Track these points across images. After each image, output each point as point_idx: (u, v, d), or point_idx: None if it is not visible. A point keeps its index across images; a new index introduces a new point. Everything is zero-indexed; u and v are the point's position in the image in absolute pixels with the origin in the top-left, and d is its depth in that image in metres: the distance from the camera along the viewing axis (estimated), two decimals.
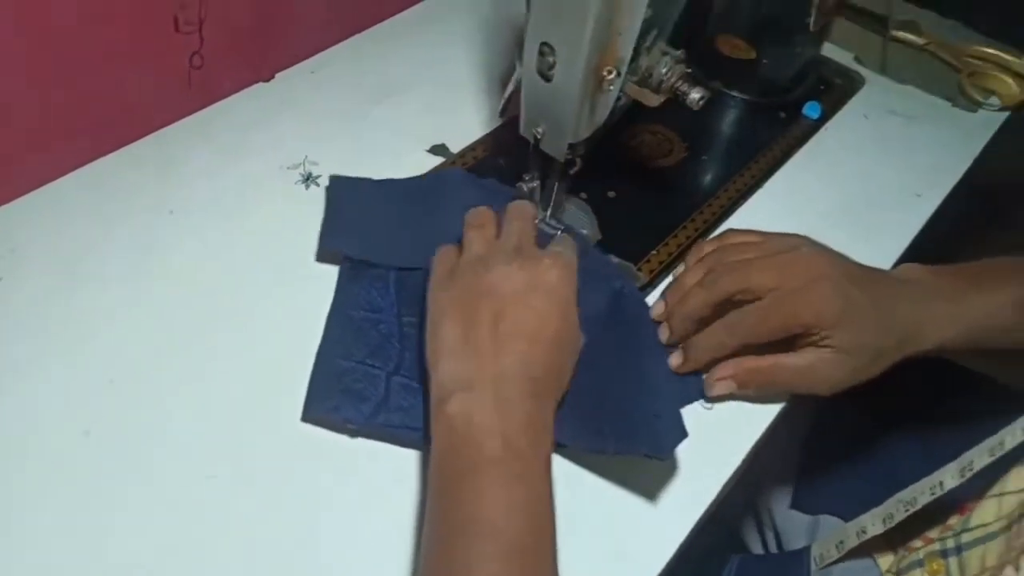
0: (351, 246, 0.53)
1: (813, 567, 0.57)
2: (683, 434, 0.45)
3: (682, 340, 0.51)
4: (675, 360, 0.51)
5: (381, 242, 0.54)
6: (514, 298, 0.43)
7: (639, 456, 0.44)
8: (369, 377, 0.48)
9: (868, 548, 0.54)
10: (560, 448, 0.47)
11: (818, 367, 0.48)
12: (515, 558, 0.36)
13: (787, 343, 0.48)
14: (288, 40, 0.68)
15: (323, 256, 0.55)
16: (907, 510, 0.49)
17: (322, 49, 0.70)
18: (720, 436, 0.49)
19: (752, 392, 0.50)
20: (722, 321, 0.49)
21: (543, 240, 0.56)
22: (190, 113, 0.64)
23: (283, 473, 0.45)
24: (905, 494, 0.50)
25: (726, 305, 0.49)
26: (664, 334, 0.51)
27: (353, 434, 0.47)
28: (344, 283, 0.52)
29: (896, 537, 0.53)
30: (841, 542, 0.54)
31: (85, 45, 0.54)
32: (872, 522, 0.52)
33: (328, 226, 0.55)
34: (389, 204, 0.57)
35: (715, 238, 0.55)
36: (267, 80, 0.67)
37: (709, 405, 0.50)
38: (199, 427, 0.47)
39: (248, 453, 0.46)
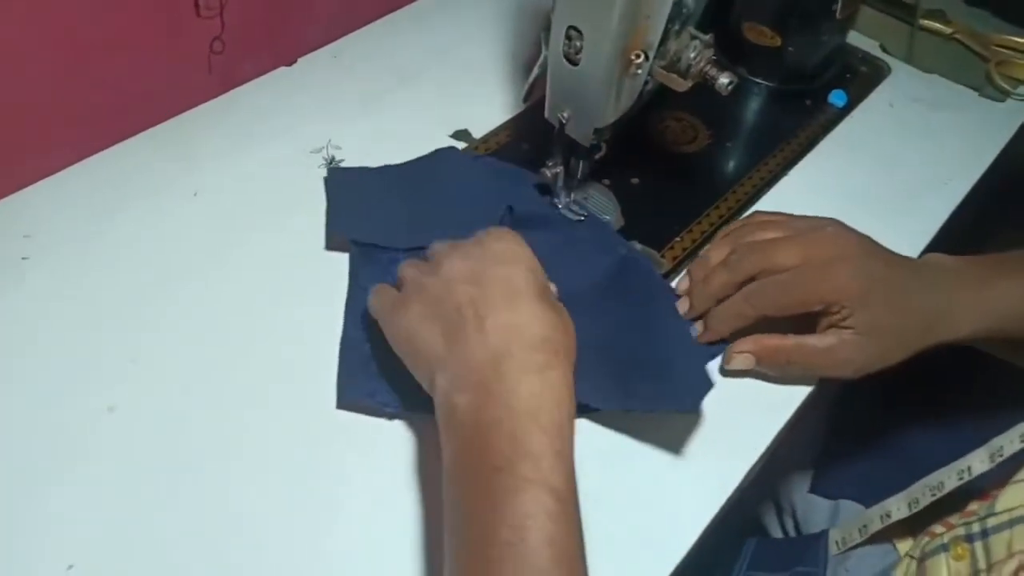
0: (356, 230, 0.54)
1: (833, 550, 0.56)
2: (708, 385, 0.44)
3: (701, 314, 0.51)
4: (695, 331, 0.51)
5: (384, 225, 0.54)
6: (474, 280, 0.40)
7: (666, 411, 0.44)
8: (396, 364, 0.48)
9: (887, 533, 0.54)
10: (588, 412, 0.46)
11: (839, 349, 0.47)
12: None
13: (810, 326, 0.48)
14: (310, 24, 0.67)
15: (332, 243, 0.55)
16: (934, 495, 0.49)
17: (345, 33, 0.70)
18: (745, 423, 0.49)
19: (770, 370, 0.50)
20: (743, 291, 0.48)
21: (565, 225, 0.56)
22: (212, 98, 0.64)
23: (307, 454, 0.46)
24: (932, 479, 0.50)
25: (749, 284, 0.49)
26: (684, 307, 0.51)
27: (391, 417, 0.47)
28: (358, 268, 0.52)
29: (914, 522, 0.53)
30: (864, 526, 0.54)
31: (105, 29, 0.54)
32: (897, 506, 0.51)
33: (332, 213, 0.55)
34: (388, 188, 0.57)
35: (742, 219, 0.54)
36: (289, 65, 0.67)
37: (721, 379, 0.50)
38: (222, 408, 0.47)
39: (271, 434, 0.46)
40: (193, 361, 0.49)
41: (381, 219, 0.55)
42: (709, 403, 0.48)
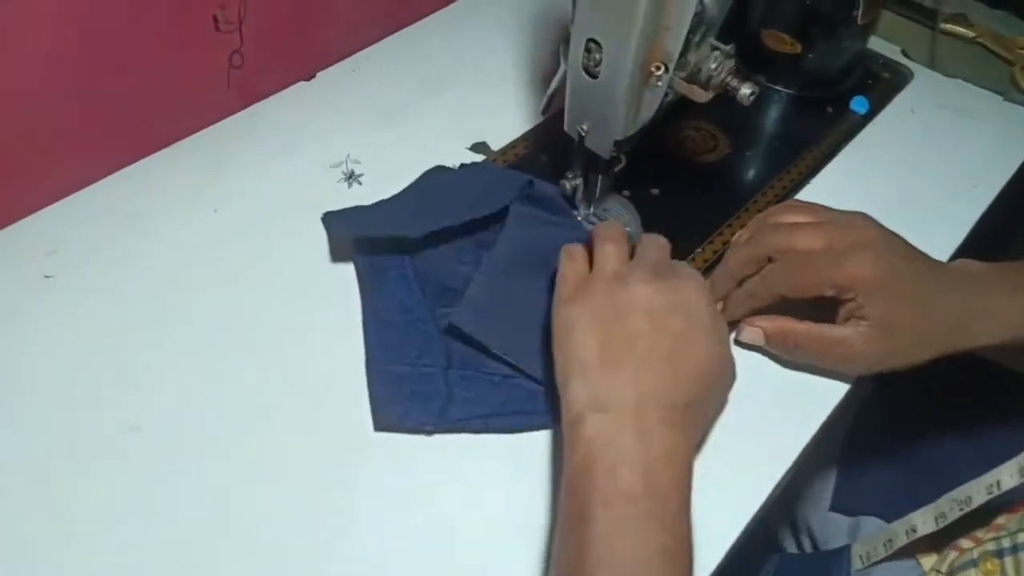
0: (355, 226, 0.54)
1: (856, 565, 0.55)
2: None
3: (721, 296, 0.51)
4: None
5: (386, 218, 0.55)
6: (652, 319, 0.41)
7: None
8: (427, 377, 0.48)
9: (911, 548, 0.53)
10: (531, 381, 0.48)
11: (853, 340, 0.46)
12: None
13: (832, 318, 0.47)
14: (329, 39, 0.68)
15: (337, 256, 0.55)
16: (962, 509, 0.48)
17: (363, 47, 0.70)
18: (768, 440, 0.48)
19: (778, 351, 0.50)
20: (760, 273, 0.48)
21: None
22: (232, 113, 0.64)
23: (332, 467, 0.45)
24: (959, 492, 0.49)
25: (768, 265, 0.49)
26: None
27: (429, 433, 0.47)
28: (369, 287, 0.52)
29: (937, 537, 0.52)
30: (889, 540, 0.53)
31: (125, 46, 0.54)
32: (923, 520, 0.50)
33: (328, 222, 0.55)
34: (385, 201, 0.57)
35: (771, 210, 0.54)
36: (308, 79, 0.68)
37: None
38: (247, 426, 0.47)
39: (300, 452, 0.46)
40: (216, 378, 0.49)
41: (382, 214, 0.55)
42: (733, 421, 0.48)
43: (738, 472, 0.47)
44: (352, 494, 0.45)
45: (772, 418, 0.49)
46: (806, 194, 0.62)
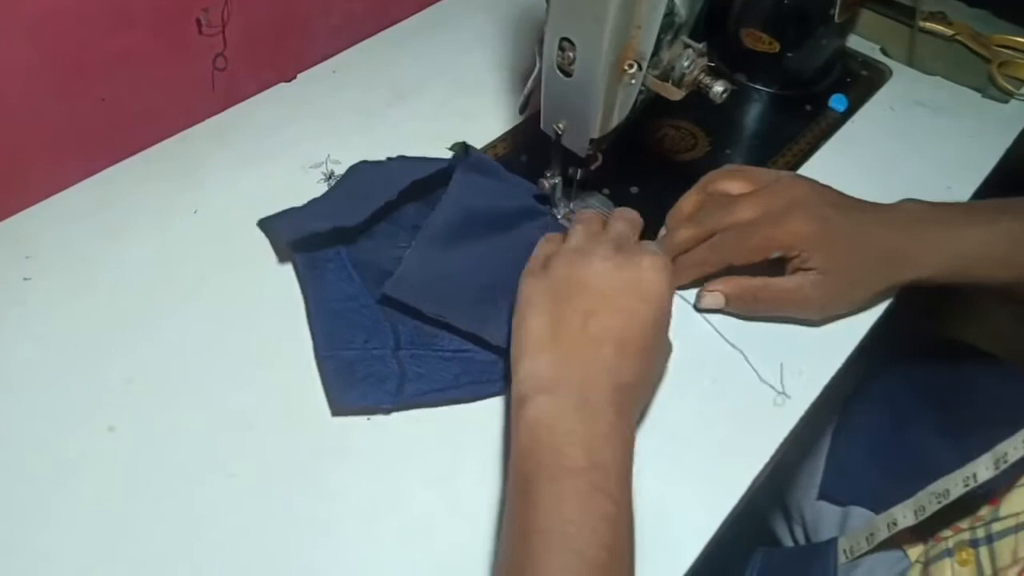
0: (291, 228, 0.54)
1: (841, 559, 0.56)
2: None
3: None
4: None
5: (319, 213, 0.55)
6: (608, 297, 0.42)
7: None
8: (378, 359, 0.49)
9: (897, 539, 0.53)
10: (483, 352, 0.49)
11: (804, 287, 0.50)
12: (591, 574, 0.35)
13: (780, 270, 0.51)
14: (310, 40, 0.68)
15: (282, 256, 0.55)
16: (939, 502, 0.49)
17: (344, 49, 0.71)
18: (749, 431, 0.48)
19: (739, 309, 0.52)
20: (707, 243, 0.51)
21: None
22: (214, 114, 0.64)
23: (304, 468, 0.46)
24: (937, 485, 0.49)
25: (712, 237, 0.51)
26: None
27: (387, 412, 0.48)
28: (309, 281, 0.53)
29: (926, 528, 0.52)
30: (871, 534, 0.53)
31: (108, 48, 0.55)
32: (903, 513, 0.51)
33: (266, 227, 0.56)
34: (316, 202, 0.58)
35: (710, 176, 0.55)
36: (289, 81, 0.68)
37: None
38: (222, 424, 0.47)
39: (268, 449, 0.46)
40: (193, 379, 0.49)
41: (317, 211, 0.56)
42: (713, 413, 0.49)
43: (718, 467, 0.47)
44: (328, 493, 0.45)
45: (751, 412, 0.49)
46: None
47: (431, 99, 0.67)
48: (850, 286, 0.51)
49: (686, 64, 0.47)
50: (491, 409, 0.49)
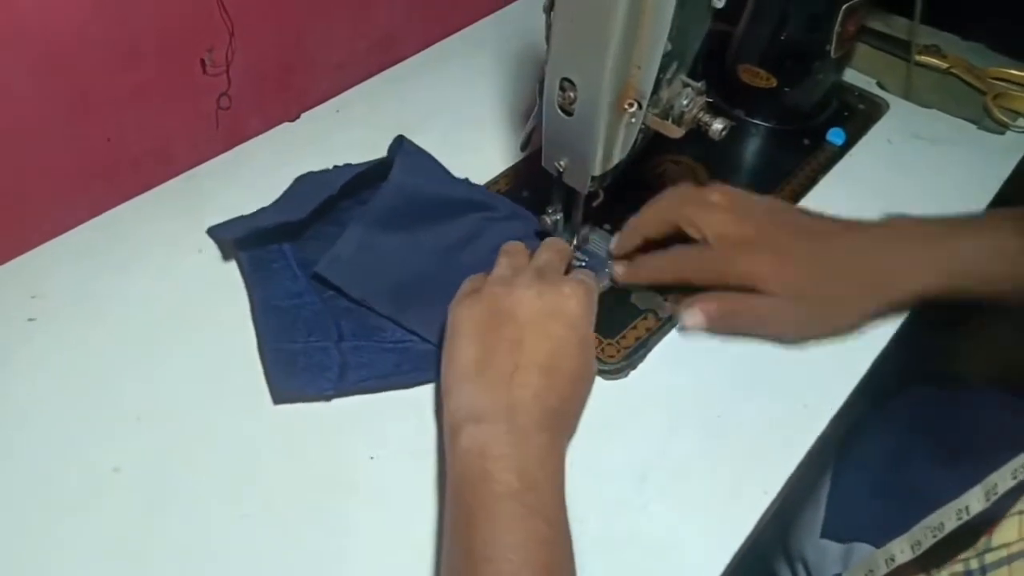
0: (237, 228, 0.55)
1: None
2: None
3: (622, 252, 0.55)
4: (619, 269, 0.55)
5: (265, 216, 0.57)
6: (532, 324, 0.43)
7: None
8: (320, 351, 0.50)
9: (901, 573, 0.53)
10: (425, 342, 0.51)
11: (777, 310, 0.51)
12: None
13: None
14: (313, 79, 0.69)
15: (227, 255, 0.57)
16: (935, 536, 0.48)
17: (347, 88, 0.72)
18: (753, 469, 0.48)
19: (721, 330, 0.53)
20: (670, 253, 0.53)
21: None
22: (218, 153, 0.65)
23: (315, 504, 0.45)
24: (932, 519, 0.49)
25: (675, 246, 0.53)
26: (613, 243, 0.55)
27: (329, 399, 0.49)
28: (255, 279, 0.54)
29: (930, 560, 0.52)
30: (871, 571, 0.53)
31: (112, 89, 0.55)
32: (900, 548, 0.50)
33: (213, 232, 0.57)
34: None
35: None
36: (293, 120, 0.69)
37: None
38: (230, 464, 0.47)
39: (278, 491, 0.46)
40: (201, 416, 0.49)
41: (263, 215, 0.57)
42: (718, 451, 0.49)
43: (723, 506, 0.47)
44: (340, 529, 0.45)
45: (755, 450, 0.49)
46: None
47: (433, 135, 0.67)
48: (827, 311, 0.51)
49: (685, 102, 0.48)
50: None
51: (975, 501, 0.46)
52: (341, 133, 0.67)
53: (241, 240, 0.55)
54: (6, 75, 0.50)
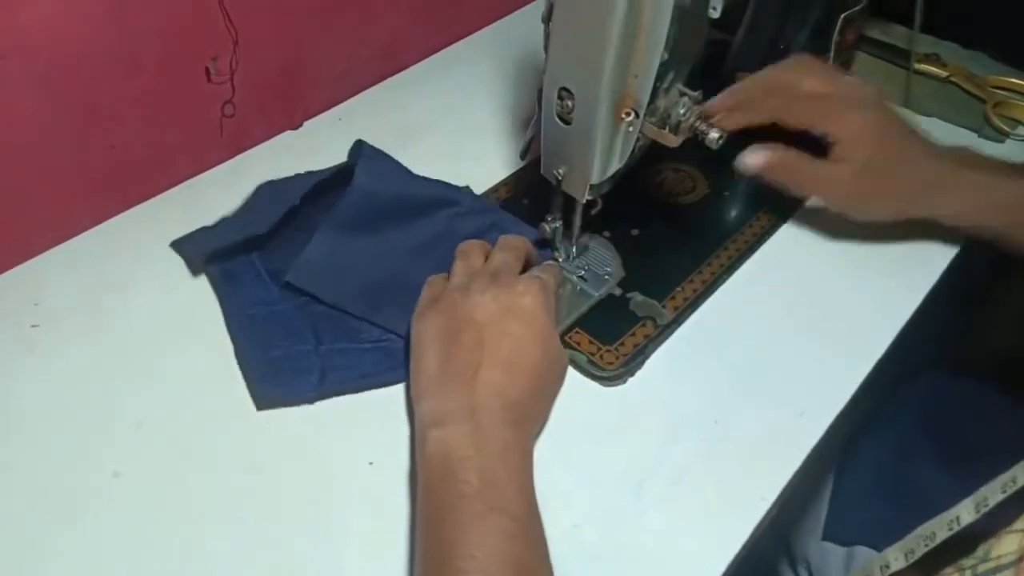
0: (204, 244, 0.56)
1: None
2: None
3: (724, 108, 0.54)
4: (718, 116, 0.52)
5: (229, 228, 0.57)
6: (490, 325, 0.45)
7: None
8: (300, 356, 0.51)
9: None
10: (402, 340, 0.51)
11: (838, 175, 0.53)
12: None
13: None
14: (317, 87, 0.70)
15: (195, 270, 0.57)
16: (927, 545, 0.48)
17: (349, 96, 0.72)
18: (752, 475, 0.48)
19: (776, 179, 0.55)
20: (764, 85, 0.54)
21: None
22: (222, 161, 0.66)
23: (313, 511, 0.46)
24: (925, 528, 0.49)
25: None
26: (709, 103, 0.53)
27: (311, 401, 0.50)
28: (226, 292, 0.55)
29: (931, 566, 0.52)
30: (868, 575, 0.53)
31: (116, 97, 0.56)
32: (895, 557, 0.51)
33: (178, 246, 0.58)
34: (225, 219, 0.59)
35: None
36: (295, 128, 0.69)
37: None
38: (229, 469, 0.47)
39: (277, 493, 0.46)
40: (201, 423, 0.49)
41: (227, 228, 0.58)
42: (715, 458, 0.49)
43: (721, 513, 0.47)
44: (337, 536, 0.45)
45: (754, 456, 0.49)
46: (784, 233, 0.63)
47: (434, 144, 0.68)
48: (882, 194, 0.54)
49: (682, 111, 0.48)
50: None
51: (965, 513, 0.47)
52: (343, 141, 0.67)
53: (210, 255, 0.56)
54: (11, 85, 0.50)
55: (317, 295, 0.54)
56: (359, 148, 0.59)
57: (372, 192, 0.56)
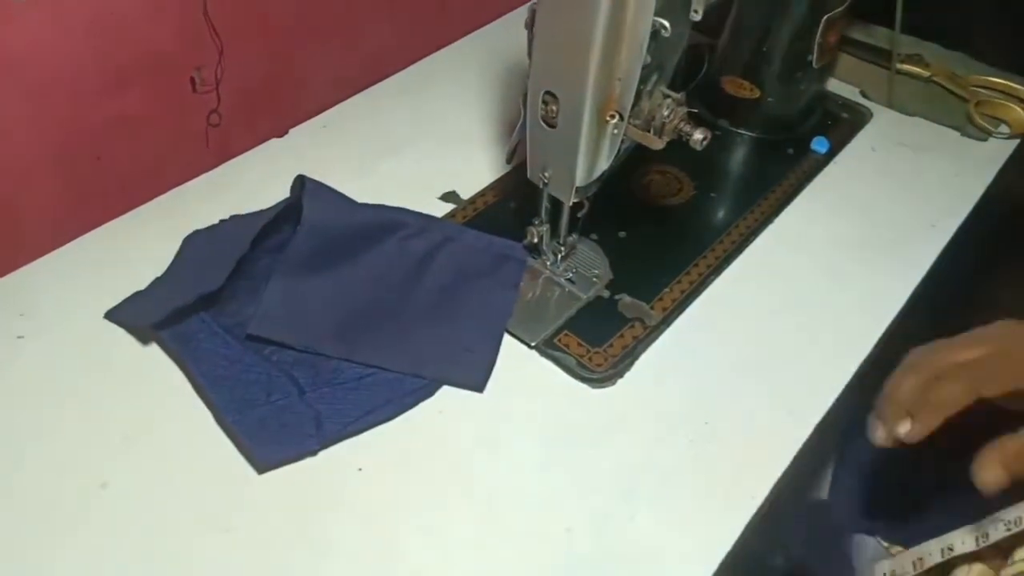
0: (146, 312, 0.53)
1: None
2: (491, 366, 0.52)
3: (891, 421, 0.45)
4: (901, 429, 0.44)
5: (172, 291, 0.54)
6: None
7: (454, 385, 0.51)
8: (287, 408, 0.49)
9: None
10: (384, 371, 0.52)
11: None
12: None
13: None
14: (303, 95, 0.70)
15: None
16: (916, 569, 0.48)
17: (336, 103, 0.72)
18: (744, 472, 0.48)
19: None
20: (952, 373, 0.44)
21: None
22: (208, 170, 0.65)
23: (300, 520, 0.46)
24: (918, 550, 0.49)
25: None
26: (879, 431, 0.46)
27: (315, 453, 0.48)
28: (186, 354, 0.52)
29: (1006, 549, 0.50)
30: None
31: (103, 108, 0.56)
32: (962, 539, 0.49)
33: (119, 317, 0.54)
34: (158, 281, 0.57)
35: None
36: (281, 136, 0.69)
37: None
38: (215, 479, 0.47)
39: (262, 504, 0.46)
40: (189, 434, 0.49)
41: (167, 291, 0.55)
42: (705, 459, 0.49)
43: (711, 513, 0.47)
44: (324, 544, 0.45)
45: (744, 456, 0.49)
46: (770, 233, 0.63)
47: (420, 150, 0.68)
48: None
49: (666, 113, 0.49)
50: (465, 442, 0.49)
51: (959, 543, 0.46)
52: (329, 148, 0.68)
53: (162, 321, 0.52)
54: (1, 101, 0.50)
55: (286, 342, 0.52)
56: (302, 184, 0.56)
57: (321, 228, 0.54)
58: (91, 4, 0.52)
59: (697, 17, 0.46)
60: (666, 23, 0.43)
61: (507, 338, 0.55)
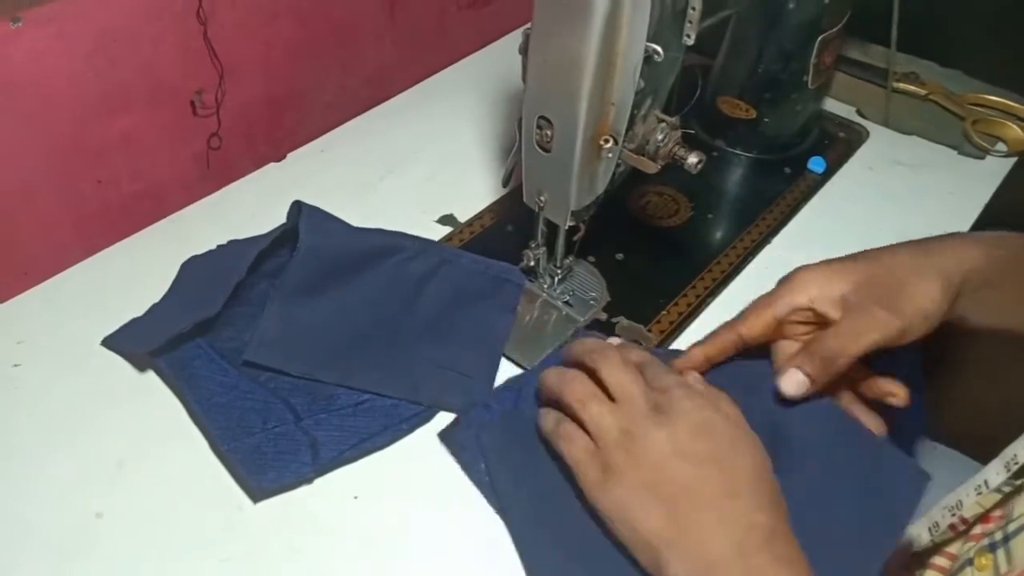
0: (145, 338, 0.53)
1: None
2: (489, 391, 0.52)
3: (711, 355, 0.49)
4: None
5: (169, 316, 0.54)
6: (684, 455, 0.41)
7: (451, 410, 0.51)
8: (283, 436, 0.49)
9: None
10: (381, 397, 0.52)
11: (852, 323, 0.46)
12: None
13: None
14: (303, 117, 0.70)
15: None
16: (953, 514, 0.47)
17: (336, 126, 0.73)
18: None
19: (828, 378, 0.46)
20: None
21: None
22: (208, 193, 0.66)
23: (295, 548, 0.45)
24: (949, 499, 0.48)
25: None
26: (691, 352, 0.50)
27: (311, 480, 0.48)
28: (182, 381, 0.52)
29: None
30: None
31: (103, 132, 0.56)
32: (918, 532, 0.49)
33: (116, 344, 0.54)
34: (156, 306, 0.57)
35: None
36: (279, 160, 0.69)
37: None
38: (211, 508, 0.47)
39: (258, 532, 0.46)
40: (180, 463, 0.49)
41: (165, 316, 0.55)
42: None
43: None
44: (321, 573, 0.45)
45: None
46: (768, 254, 0.63)
47: (418, 173, 0.68)
48: (892, 300, 0.47)
49: (660, 137, 0.49)
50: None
51: (994, 474, 0.45)
52: (327, 172, 0.68)
53: (159, 348, 0.52)
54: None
55: (283, 369, 0.52)
56: (298, 209, 0.55)
57: (319, 253, 0.54)
58: (92, 27, 0.52)
59: (690, 42, 0.46)
60: (659, 48, 0.44)
61: (504, 362, 0.54)
